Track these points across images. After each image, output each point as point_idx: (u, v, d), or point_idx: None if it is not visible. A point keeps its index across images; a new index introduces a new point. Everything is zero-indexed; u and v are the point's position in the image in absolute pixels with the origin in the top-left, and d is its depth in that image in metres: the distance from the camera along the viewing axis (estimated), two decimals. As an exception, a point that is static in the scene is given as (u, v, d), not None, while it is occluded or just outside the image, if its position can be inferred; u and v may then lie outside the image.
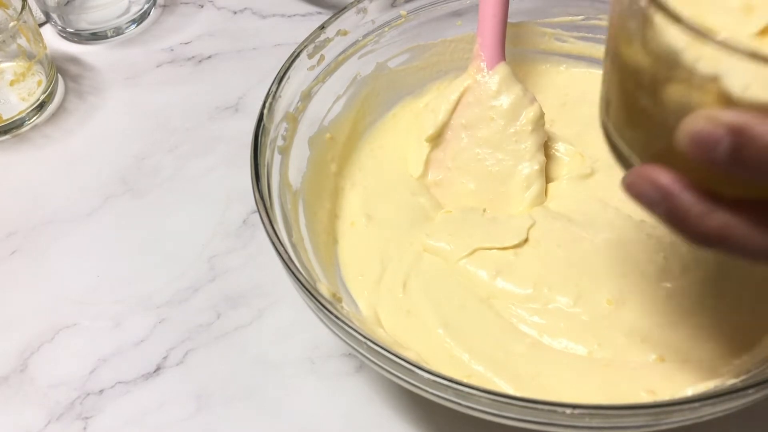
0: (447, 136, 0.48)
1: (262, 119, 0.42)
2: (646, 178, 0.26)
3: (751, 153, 0.23)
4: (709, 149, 0.23)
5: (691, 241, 0.26)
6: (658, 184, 0.25)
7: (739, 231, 0.24)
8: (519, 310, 0.41)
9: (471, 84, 0.48)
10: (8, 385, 0.45)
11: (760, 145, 0.22)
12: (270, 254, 0.38)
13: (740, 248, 0.25)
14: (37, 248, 0.52)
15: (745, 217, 0.24)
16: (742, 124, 0.23)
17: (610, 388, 0.38)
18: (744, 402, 0.32)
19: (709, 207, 0.25)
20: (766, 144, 0.22)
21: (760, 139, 0.22)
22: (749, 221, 0.24)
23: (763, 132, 0.22)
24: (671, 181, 0.25)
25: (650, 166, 0.26)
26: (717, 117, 0.23)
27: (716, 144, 0.23)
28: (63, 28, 0.66)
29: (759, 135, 0.22)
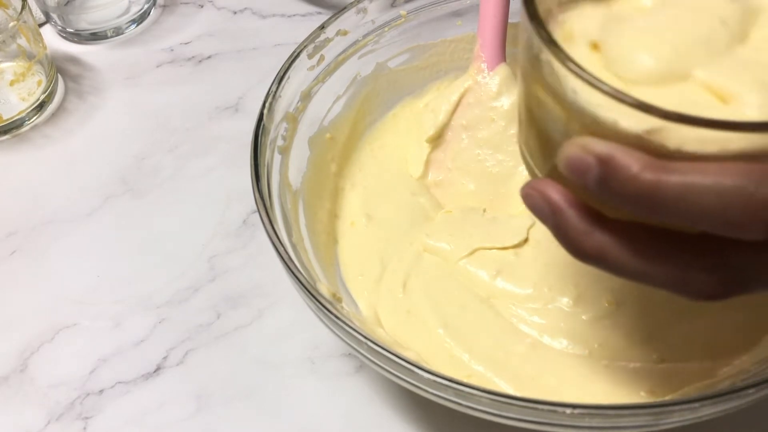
0: (447, 136, 0.48)
1: (262, 119, 0.42)
2: (539, 192, 0.27)
3: (616, 183, 0.24)
4: (581, 176, 0.25)
5: (574, 256, 0.27)
6: (548, 198, 0.26)
7: (615, 253, 0.25)
8: (519, 310, 0.41)
9: (472, 85, 0.48)
10: (8, 385, 0.45)
11: (623, 177, 0.23)
12: (270, 254, 0.38)
13: (615, 268, 0.26)
14: (37, 248, 0.52)
15: (622, 240, 0.25)
16: (610, 155, 0.24)
17: (610, 388, 0.38)
18: (744, 402, 0.32)
19: (590, 226, 0.26)
20: (628, 176, 0.23)
21: (624, 171, 0.23)
22: (625, 244, 0.25)
23: (627, 164, 0.23)
24: (560, 197, 0.26)
25: (544, 181, 0.27)
26: (589, 145, 0.24)
27: (587, 171, 0.24)
28: (63, 28, 0.66)
29: (623, 167, 0.23)
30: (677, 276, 0.25)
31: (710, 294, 0.25)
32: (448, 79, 0.54)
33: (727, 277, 0.24)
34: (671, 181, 0.23)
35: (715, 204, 0.22)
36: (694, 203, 0.23)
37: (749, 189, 0.22)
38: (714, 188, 0.22)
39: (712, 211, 0.23)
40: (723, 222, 0.23)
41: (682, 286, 0.25)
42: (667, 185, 0.23)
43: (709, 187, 0.22)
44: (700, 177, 0.23)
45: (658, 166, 0.23)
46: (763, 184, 0.22)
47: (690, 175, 0.23)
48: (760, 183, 0.22)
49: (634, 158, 0.23)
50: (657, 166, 0.23)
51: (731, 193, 0.22)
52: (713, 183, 0.22)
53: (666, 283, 0.25)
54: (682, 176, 0.23)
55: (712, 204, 0.22)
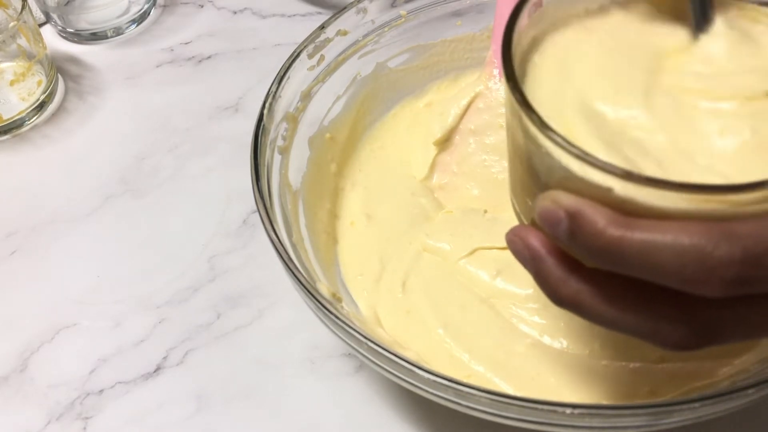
0: (455, 140, 0.48)
1: (262, 119, 0.42)
2: (522, 238, 0.28)
3: (583, 237, 0.25)
4: (552, 227, 0.26)
5: (551, 301, 0.27)
6: (529, 245, 0.28)
7: (588, 301, 0.26)
8: (519, 310, 0.41)
9: (482, 90, 0.48)
10: (8, 385, 0.45)
11: (589, 231, 0.24)
12: (270, 254, 0.38)
13: (589, 315, 0.27)
14: (37, 248, 0.52)
15: (596, 289, 0.26)
16: (578, 210, 0.25)
17: (610, 388, 0.38)
18: (744, 402, 0.32)
19: (566, 274, 0.27)
20: (594, 231, 0.24)
21: (590, 226, 0.24)
22: (599, 293, 0.26)
23: (594, 220, 0.24)
24: (539, 245, 0.27)
25: (527, 228, 0.28)
26: (559, 199, 0.26)
27: (558, 224, 0.25)
28: (63, 28, 0.66)
29: (590, 222, 0.25)
30: (648, 326, 0.25)
31: (680, 345, 0.25)
32: (448, 79, 0.54)
33: (696, 330, 0.25)
34: (634, 238, 0.24)
35: (673, 262, 0.23)
36: (655, 260, 0.24)
37: (707, 249, 0.23)
38: (673, 247, 0.23)
39: (671, 269, 0.23)
40: (681, 279, 0.23)
41: (652, 335, 0.26)
42: (630, 242, 0.24)
43: (669, 246, 0.23)
44: (660, 235, 0.23)
45: (622, 222, 0.24)
46: (721, 244, 0.23)
47: (651, 232, 0.24)
48: (717, 243, 0.23)
49: (601, 214, 0.25)
50: (621, 222, 0.24)
51: (689, 252, 0.23)
52: (672, 242, 0.23)
53: (637, 331, 0.26)
54: (643, 233, 0.24)
55: (671, 261, 0.23)
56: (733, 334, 0.25)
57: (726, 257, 0.23)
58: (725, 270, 0.23)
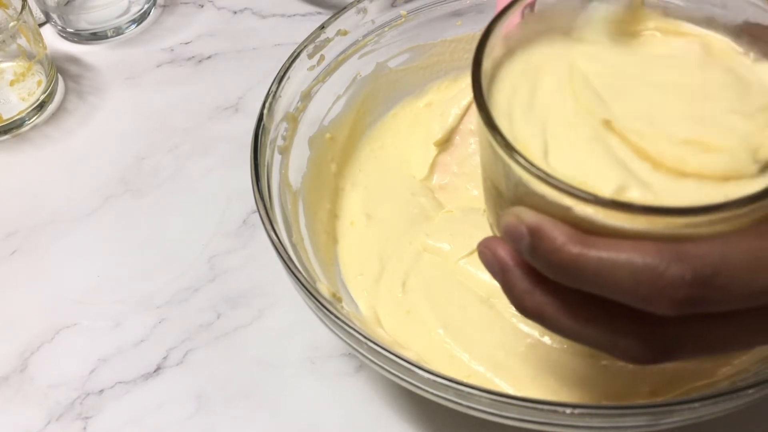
0: (455, 140, 0.48)
1: (262, 119, 0.42)
2: (491, 249, 0.29)
3: (542, 253, 0.26)
4: (515, 242, 0.27)
5: (517, 311, 0.28)
6: (497, 256, 0.28)
7: (551, 313, 0.27)
8: (519, 310, 0.41)
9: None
10: (8, 385, 0.45)
11: (548, 248, 0.25)
12: (270, 254, 0.38)
13: (552, 327, 0.27)
14: (37, 248, 0.52)
15: (559, 302, 0.27)
16: (538, 226, 0.26)
17: (610, 388, 0.38)
18: (744, 402, 0.32)
19: (531, 286, 0.27)
20: (553, 247, 0.25)
21: (549, 243, 0.25)
22: (561, 306, 0.27)
23: (553, 237, 0.25)
24: (507, 256, 0.28)
25: (497, 240, 0.29)
26: (522, 215, 0.26)
27: (520, 239, 0.26)
28: (63, 28, 0.66)
29: (549, 239, 0.25)
30: (606, 340, 0.26)
31: (637, 358, 0.26)
32: (448, 79, 0.54)
33: (654, 345, 0.26)
34: (590, 256, 0.25)
35: (627, 279, 0.24)
36: (610, 278, 0.24)
37: (659, 269, 0.24)
38: (627, 266, 0.24)
39: (625, 287, 0.24)
40: (634, 297, 0.24)
41: (610, 349, 0.26)
42: (587, 259, 0.25)
43: (623, 265, 0.24)
44: (615, 254, 0.24)
45: (580, 240, 0.25)
46: (672, 265, 0.23)
47: (608, 251, 0.24)
48: (669, 263, 0.23)
49: (560, 231, 0.25)
50: (579, 240, 0.25)
51: (642, 272, 0.24)
52: (626, 261, 0.24)
53: (596, 344, 0.27)
54: (600, 252, 0.24)
55: (625, 280, 0.24)
56: (689, 350, 0.26)
57: (676, 278, 0.23)
58: (675, 290, 0.23)
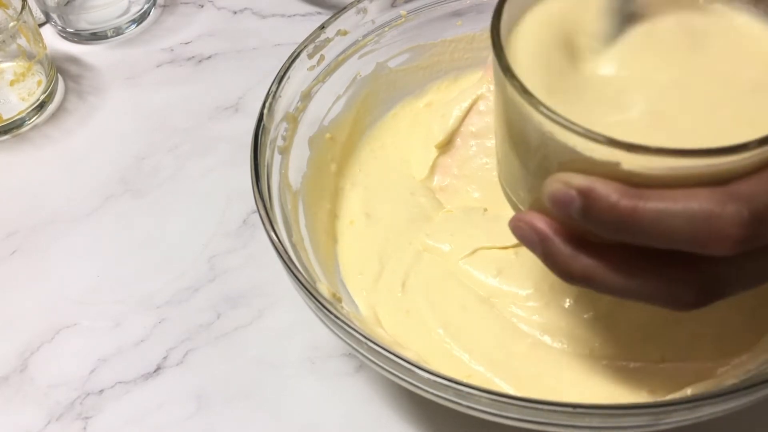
0: (456, 142, 0.48)
1: (262, 119, 0.42)
2: (527, 223, 0.29)
3: (597, 213, 0.26)
4: (565, 208, 0.27)
5: (562, 279, 0.29)
6: (536, 228, 0.29)
7: (600, 273, 0.27)
8: (519, 309, 0.41)
9: (484, 92, 0.47)
10: (8, 385, 0.45)
11: (603, 206, 0.26)
12: (270, 254, 0.38)
13: (602, 287, 0.28)
14: (37, 248, 0.52)
15: (605, 261, 0.27)
16: (590, 187, 0.26)
17: (610, 388, 0.38)
18: (744, 402, 0.32)
19: (575, 251, 0.28)
20: (607, 205, 0.25)
21: (603, 201, 0.26)
22: (608, 265, 0.27)
23: (606, 194, 0.26)
24: (545, 226, 0.28)
25: (530, 212, 0.29)
26: (570, 180, 0.27)
27: (570, 203, 0.27)
28: (63, 28, 0.66)
29: (603, 197, 0.26)
30: (660, 289, 0.27)
31: (692, 303, 0.27)
32: (448, 79, 0.54)
33: (705, 287, 0.27)
34: (647, 208, 0.25)
35: (685, 227, 0.25)
36: (667, 227, 0.25)
37: (715, 211, 0.24)
38: (684, 213, 0.25)
39: (684, 233, 0.25)
40: (694, 243, 0.25)
41: (665, 298, 0.27)
42: (644, 211, 0.25)
43: (680, 212, 0.25)
44: (671, 203, 0.25)
45: (633, 194, 0.25)
46: (728, 206, 0.24)
47: (662, 201, 0.25)
48: (725, 205, 0.24)
49: (612, 188, 0.26)
50: (633, 194, 0.25)
51: (699, 217, 0.25)
52: (683, 208, 0.25)
53: (650, 297, 0.27)
54: (655, 203, 0.25)
55: (683, 227, 0.25)
56: (740, 286, 0.27)
57: (735, 218, 0.24)
58: (735, 229, 0.24)
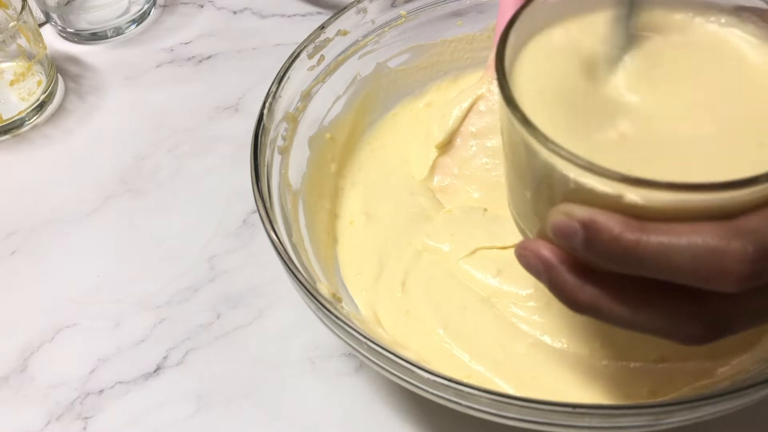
0: (456, 142, 0.48)
1: (262, 119, 0.42)
2: (532, 251, 0.29)
3: (599, 245, 0.26)
4: (568, 239, 0.27)
5: (569, 308, 0.28)
6: (541, 256, 0.28)
7: (606, 304, 0.27)
8: (519, 309, 0.41)
9: (484, 93, 0.47)
10: (8, 385, 0.45)
11: (605, 239, 0.25)
12: (270, 254, 0.38)
13: (608, 318, 0.27)
14: (37, 248, 0.52)
15: (612, 292, 0.27)
16: (591, 219, 0.26)
17: (611, 388, 0.38)
18: (744, 402, 0.32)
19: (580, 281, 0.27)
20: (610, 238, 0.25)
21: (605, 234, 0.25)
22: (615, 296, 0.27)
23: (609, 227, 0.25)
24: (551, 255, 0.28)
25: (536, 241, 0.29)
26: (572, 212, 0.26)
27: (573, 235, 0.26)
28: (63, 28, 0.66)
29: (605, 229, 0.25)
30: (666, 323, 0.26)
31: (698, 338, 0.26)
32: (448, 79, 0.54)
33: (713, 323, 0.26)
34: (650, 242, 0.25)
35: (688, 262, 0.24)
36: (670, 261, 0.24)
37: (720, 246, 0.24)
38: (687, 248, 0.24)
39: (687, 268, 0.24)
40: (697, 277, 0.24)
41: (671, 332, 0.27)
42: (647, 245, 0.25)
43: (683, 247, 0.24)
44: (674, 237, 0.24)
45: (636, 227, 0.25)
46: (732, 242, 0.24)
47: (666, 235, 0.25)
48: (729, 240, 0.24)
49: (614, 220, 0.25)
50: (636, 227, 0.25)
51: (703, 252, 0.24)
52: (686, 243, 0.24)
53: (656, 330, 0.27)
54: (658, 237, 0.25)
55: (686, 262, 0.24)
56: (747, 322, 0.26)
57: (740, 253, 0.24)
58: (740, 266, 0.24)
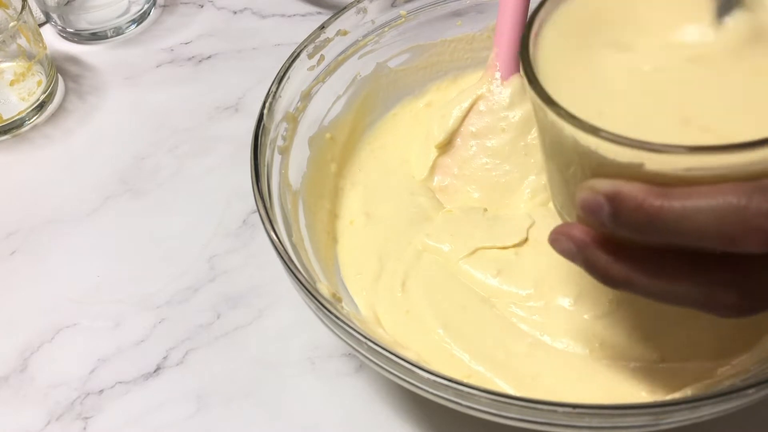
0: (456, 142, 0.48)
1: (262, 119, 0.42)
2: (564, 234, 0.29)
3: (625, 214, 0.26)
4: (596, 214, 0.27)
5: (604, 284, 0.29)
6: (573, 237, 0.29)
7: (639, 278, 0.27)
8: (519, 309, 0.41)
9: (484, 93, 0.47)
10: (8, 385, 0.45)
11: (630, 207, 0.26)
12: (270, 254, 0.38)
13: (643, 291, 0.28)
14: (37, 248, 0.52)
15: (646, 266, 0.27)
16: (616, 191, 0.26)
17: (610, 388, 0.38)
18: (744, 402, 0.32)
19: (614, 256, 0.28)
20: (635, 205, 0.26)
21: (630, 202, 0.26)
22: (649, 269, 0.27)
23: (633, 195, 0.26)
24: (583, 236, 0.29)
25: (568, 224, 0.30)
26: (596, 186, 0.27)
27: (600, 209, 0.27)
28: (63, 28, 0.66)
29: (629, 198, 0.26)
30: (700, 294, 0.27)
31: (734, 308, 0.26)
32: (448, 79, 0.54)
33: (748, 291, 0.26)
34: (673, 206, 0.25)
35: (713, 222, 0.24)
36: (695, 223, 0.25)
37: (741, 203, 0.24)
38: (710, 207, 0.24)
39: (712, 229, 0.24)
40: (723, 238, 0.24)
41: (706, 303, 0.27)
42: (670, 210, 0.25)
43: (706, 207, 0.24)
44: (696, 199, 0.25)
45: (659, 192, 0.25)
46: (754, 197, 0.24)
47: (688, 198, 0.25)
48: (750, 197, 0.24)
49: (638, 189, 0.26)
50: (659, 193, 0.25)
51: (725, 210, 0.24)
52: (708, 203, 0.24)
53: (691, 301, 0.27)
54: (681, 200, 0.25)
55: (711, 222, 0.24)
56: None
57: (762, 209, 0.24)
58: (764, 221, 0.24)
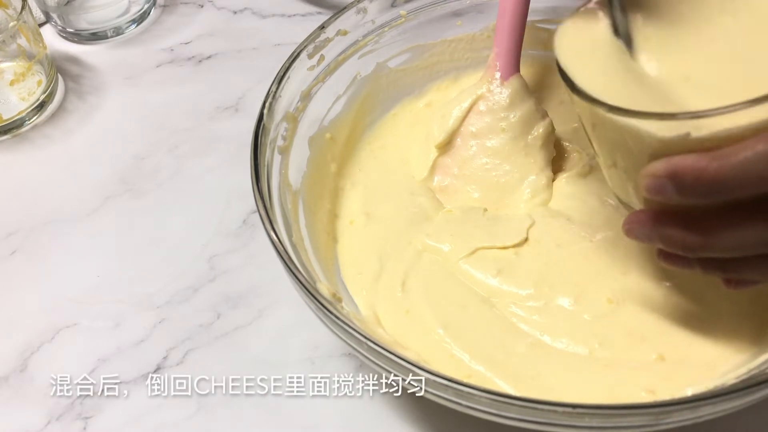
0: (456, 142, 0.48)
1: (262, 119, 0.42)
2: (636, 222, 0.32)
3: (690, 185, 0.29)
4: (663, 195, 0.30)
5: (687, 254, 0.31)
6: (644, 221, 0.32)
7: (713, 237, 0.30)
8: (519, 309, 0.41)
9: (484, 93, 0.47)
10: (8, 385, 0.45)
11: (693, 177, 0.28)
12: (270, 254, 0.38)
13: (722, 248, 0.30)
14: (37, 248, 0.52)
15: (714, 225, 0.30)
16: (672, 167, 0.29)
17: (610, 388, 0.38)
18: (744, 402, 0.32)
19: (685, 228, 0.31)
20: (696, 174, 0.28)
21: (691, 173, 0.28)
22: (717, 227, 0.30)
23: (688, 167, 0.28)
24: (653, 218, 0.32)
25: (635, 213, 0.32)
26: (653, 170, 0.29)
27: (665, 189, 0.29)
28: (63, 28, 0.66)
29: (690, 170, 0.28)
30: None
31: None
32: (448, 79, 0.54)
33: None
34: (731, 162, 0.27)
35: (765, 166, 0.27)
36: (752, 173, 0.27)
37: None
38: (760, 154, 0.27)
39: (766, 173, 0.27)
40: None
41: None
42: (729, 168, 0.28)
43: (758, 156, 0.27)
44: (746, 152, 0.27)
45: (711, 157, 0.28)
46: None
47: (737, 153, 0.27)
48: None
49: (692, 159, 0.28)
50: (711, 157, 0.28)
51: None
52: (758, 152, 0.27)
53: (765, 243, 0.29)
54: (733, 157, 0.27)
55: (765, 167, 0.27)
56: None
57: None
58: None
